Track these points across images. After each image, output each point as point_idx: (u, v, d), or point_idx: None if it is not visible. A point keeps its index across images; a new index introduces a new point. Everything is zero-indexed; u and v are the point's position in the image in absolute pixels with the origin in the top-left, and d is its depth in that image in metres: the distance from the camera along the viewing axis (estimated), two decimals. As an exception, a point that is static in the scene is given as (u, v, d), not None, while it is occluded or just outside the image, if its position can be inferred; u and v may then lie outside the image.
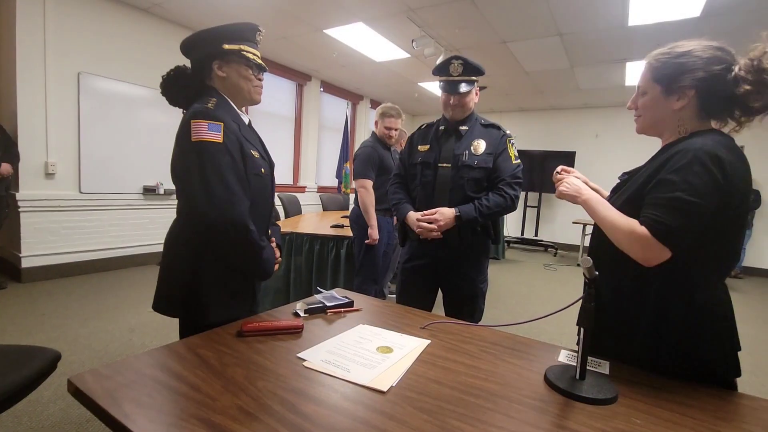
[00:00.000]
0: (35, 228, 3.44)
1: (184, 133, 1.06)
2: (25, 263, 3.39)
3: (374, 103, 7.86)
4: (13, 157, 3.17)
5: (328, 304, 1.19)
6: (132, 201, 4.13)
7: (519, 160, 1.71)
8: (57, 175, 3.57)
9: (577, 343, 0.83)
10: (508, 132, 1.74)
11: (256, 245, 1.10)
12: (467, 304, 1.74)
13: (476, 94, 1.73)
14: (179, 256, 1.11)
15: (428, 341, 1.01)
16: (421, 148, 1.77)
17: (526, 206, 7.59)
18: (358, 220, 2.68)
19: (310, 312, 1.15)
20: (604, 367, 0.92)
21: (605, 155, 7.10)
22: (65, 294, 3.21)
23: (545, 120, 7.76)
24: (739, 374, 0.88)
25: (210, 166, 1.03)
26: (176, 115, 1.14)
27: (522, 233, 7.69)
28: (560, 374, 0.85)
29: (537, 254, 6.98)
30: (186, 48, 1.21)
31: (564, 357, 0.97)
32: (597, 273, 0.81)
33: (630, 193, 0.94)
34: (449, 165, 1.67)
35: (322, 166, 6.95)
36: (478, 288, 1.74)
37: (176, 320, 1.15)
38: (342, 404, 0.70)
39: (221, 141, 1.06)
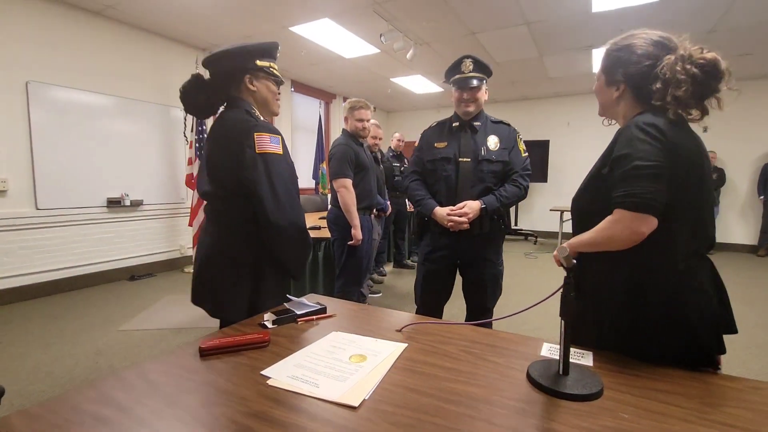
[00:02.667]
0: (-11, 250, 3.22)
1: (242, 142, 1.17)
2: (-20, 288, 3.17)
3: (347, 101, 7.75)
4: (-42, 176, 2.94)
5: (299, 312, 1.11)
6: (95, 215, 3.92)
7: (527, 153, 1.89)
8: (9, 192, 3.34)
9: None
10: (515, 128, 1.91)
11: (309, 247, 1.27)
12: (490, 285, 1.89)
13: (486, 92, 1.88)
14: (240, 258, 1.24)
15: (405, 345, 0.95)
16: (438, 144, 1.88)
17: (504, 197, 7.65)
18: (337, 221, 2.59)
19: (279, 322, 1.08)
20: (588, 358, 0.89)
21: (578, 142, 7.23)
22: (25, 319, 3.01)
23: (518, 110, 7.85)
24: (723, 351, 0.88)
25: (276, 176, 1.19)
26: (139, 122, 1.11)
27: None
28: (543, 371, 0.80)
29: (518, 243, 7.05)
30: (214, 60, 1.28)
31: (546, 351, 0.93)
32: (575, 261, 0.77)
33: (587, 180, 0.99)
34: (469, 159, 1.80)
35: (297, 168, 6.73)
36: (498, 269, 1.92)
37: (146, 339, 1.09)
38: (309, 426, 0.64)
39: (281, 152, 1.24)
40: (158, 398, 0.71)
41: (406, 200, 4.76)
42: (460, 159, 1.80)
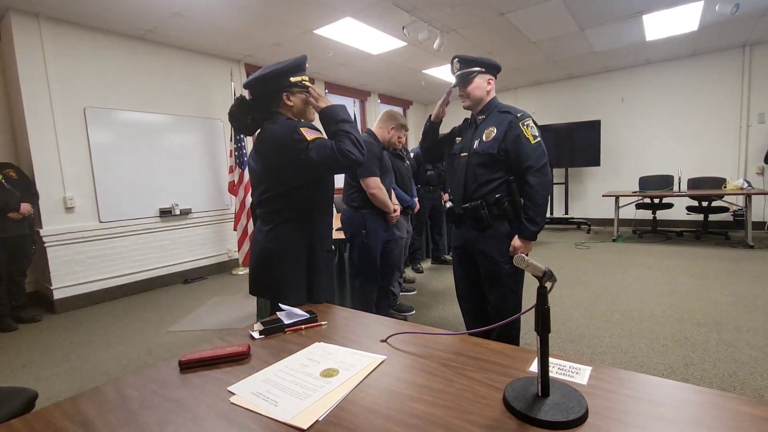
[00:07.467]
0: (62, 260, 3.63)
1: (293, 138, 1.34)
2: (57, 295, 3.58)
3: (383, 98, 7.72)
4: (32, 196, 3.34)
5: (287, 322, 1.11)
6: (150, 225, 4.27)
7: (538, 139, 1.72)
8: (76, 208, 3.74)
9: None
10: (519, 115, 1.75)
11: (351, 150, 1.34)
12: (495, 286, 1.79)
13: (488, 83, 1.86)
14: (297, 252, 1.43)
15: (383, 358, 0.91)
16: (457, 140, 1.99)
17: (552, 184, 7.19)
18: (350, 222, 2.60)
19: (266, 333, 1.08)
20: (583, 375, 0.78)
21: (633, 120, 6.59)
22: (94, 321, 3.36)
23: (564, 90, 7.31)
24: None
25: (324, 148, 1.33)
26: (184, 136, 1.24)
27: (551, 212, 7.31)
28: (521, 391, 0.72)
29: (568, 233, 6.60)
30: (254, 84, 1.44)
31: (537, 366, 0.83)
32: (548, 268, 0.68)
33: None
34: (466, 154, 1.86)
35: (335, 168, 6.90)
36: (502, 268, 1.77)
37: (190, 339, 1.15)
38: (249, 450, 0.62)
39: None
40: (121, 414, 0.73)
41: (441, 194, 4.65)
42: (461, 154, 1.87)
